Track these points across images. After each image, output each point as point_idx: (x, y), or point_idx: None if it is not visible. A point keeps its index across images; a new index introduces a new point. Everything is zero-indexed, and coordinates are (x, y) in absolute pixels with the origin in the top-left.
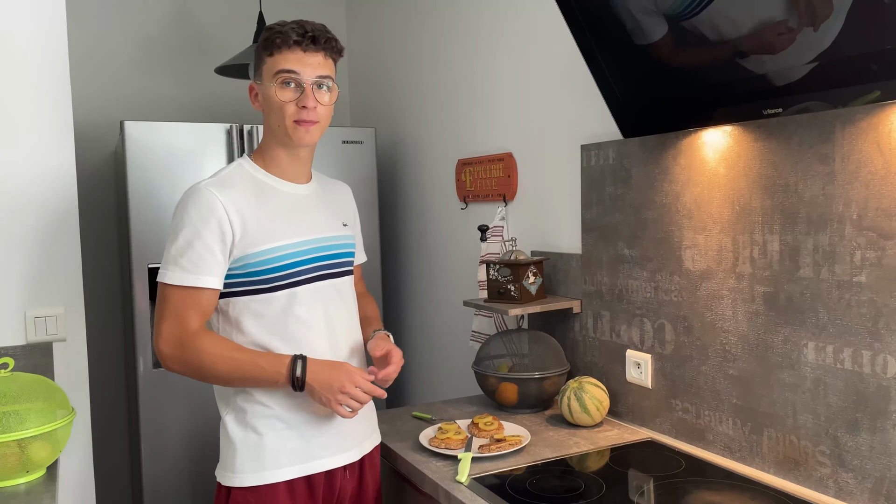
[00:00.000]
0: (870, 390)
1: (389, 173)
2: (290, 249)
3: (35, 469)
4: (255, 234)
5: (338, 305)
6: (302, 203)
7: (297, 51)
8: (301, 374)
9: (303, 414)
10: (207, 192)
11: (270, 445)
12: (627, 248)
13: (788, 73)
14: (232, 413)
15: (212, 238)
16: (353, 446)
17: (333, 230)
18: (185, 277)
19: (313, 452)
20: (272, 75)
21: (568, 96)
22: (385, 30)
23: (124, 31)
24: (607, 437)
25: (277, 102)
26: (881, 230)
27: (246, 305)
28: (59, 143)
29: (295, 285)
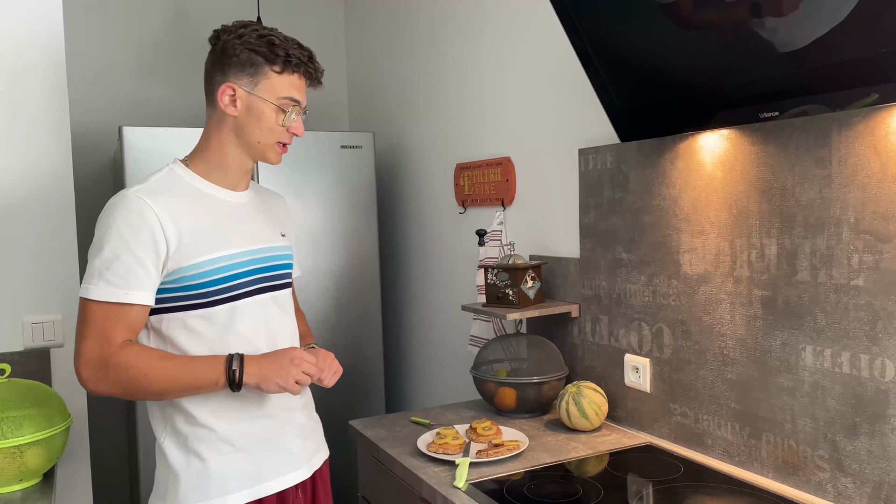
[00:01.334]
0: (868, 394)
1: (388, 178)
2: (230, 261)
3: (31, 476)
4: (192, 245)
5: (280, 319)
6: (240, 212)
7: (303, 79)
8: (238, 367)
9: (250, 434)
10: (138, 200)
11: (216, 471)
12: (625, 252)
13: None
14: (171, 437)
15: (143, 250)
16: (304, 464)
17: (273, 241)
18: (112, 293)
19: (263, 474)
20: (277, 95)
21: (565, 100)
22: (383, 34)
23: (123, 36)
24: (606, 442)
25: (273, 124)
26: (878, 233)
27: (182, 322)
28: (56, 148)
29: (235, 299)
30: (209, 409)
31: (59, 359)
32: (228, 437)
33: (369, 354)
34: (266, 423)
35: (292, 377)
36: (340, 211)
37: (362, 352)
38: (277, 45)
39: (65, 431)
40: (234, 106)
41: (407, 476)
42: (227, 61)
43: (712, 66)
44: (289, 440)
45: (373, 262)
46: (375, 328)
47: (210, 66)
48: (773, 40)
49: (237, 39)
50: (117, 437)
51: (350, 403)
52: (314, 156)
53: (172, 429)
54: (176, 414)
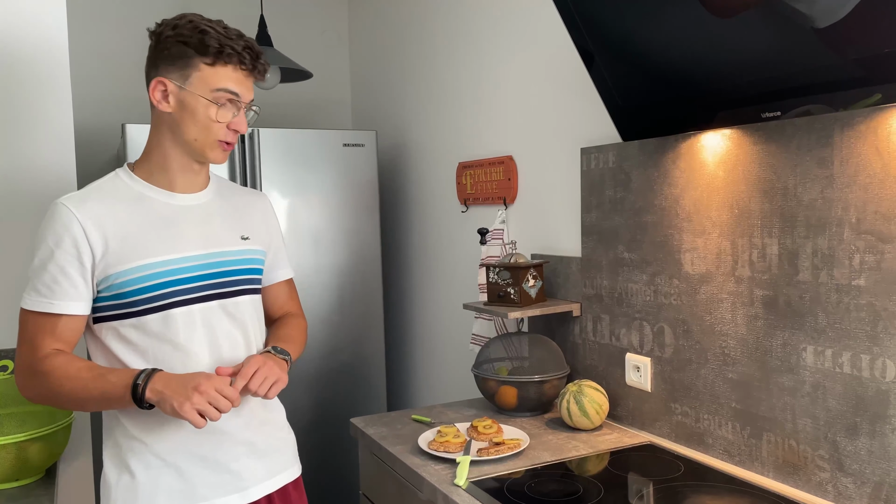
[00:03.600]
0: (869, 394)
1: (390, 176)
2: (164, 267)
3: (33, 472)
4: (119, 252)
5: (229, 329)
6: (187, 215)
7: (242, 70)
8: (143, 381)
9: (183, 450)
10: (62, 209)
11: (145, 486)
12: (627, 251)
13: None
14: (109, 449)
15: (66, 260)
16: (253, 485)
17: (226, 244)
18: (40, 302)
19: (198, 493)
20: (210, 89)
21: (568, 99)
22: (386, 33)
23: (126, 33)
24: (607, 441)
25: (210, 119)
26: (880, 234)
27: (116, 332)
28: (59, 145)
29: (170, 307)
30: (143, 421)
31: None
32: (160, 452)
33: (371, 352)
34: (202, 439)
35: (190, 405)
36: (342, 209)
37: (364, 350)
38: (211, 35)
39: (67, 428)
40: (167, 102)
41: (408, 474)
42: (160, 55)
43: (715, 65)
44: (232, 458)
45: (375, 261)
46: (377, 326)
47: (147, 60)
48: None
49: (171, 31)
50: None
51: (351, 401)
52: (316, 154)
53: (112, 440)
54: (116, 426)
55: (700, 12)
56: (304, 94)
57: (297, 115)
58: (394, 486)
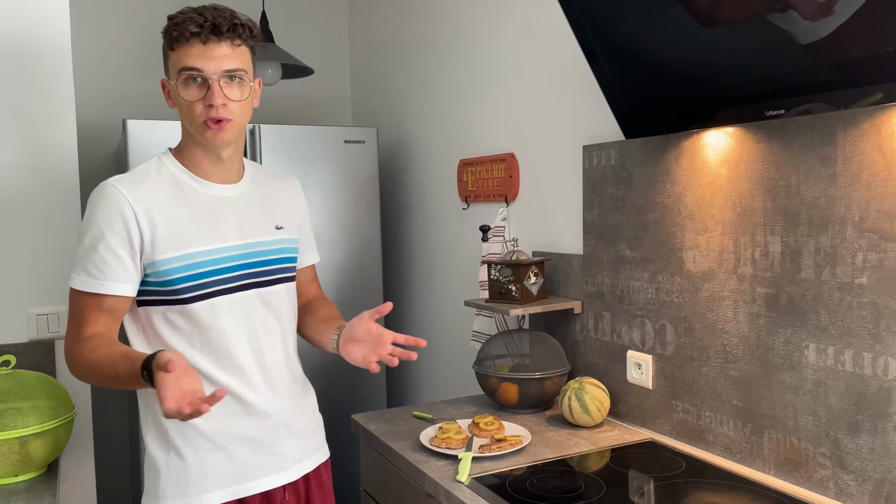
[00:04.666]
0: (870, 392)
1: (391, 173)
2: (206, 257)
3: (35, 467)
4: (165, 240)
5: (264, 317)
6: (225, 206)
7: (196, 44)
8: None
9: (231, 432)
10: (114, 191)
11: (195, 468)
12: (629, 248)
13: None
14: (153, 432)
15: (117, 241)
16: (292, 465)
17: (262, 235)
18: (89, 283)
19: (245, 474)
20: (176, 73)
21: (570, 97)
22: (387, 29)
23: (127, 29)
24: (608, 438)
25: (184, 102)
26: (882, 232)
27: (164, 316)
28: (61, 140)
29: (214, 296)
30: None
31: (63, 350)
32: (208, 433)
33: None
34: (249, 421)
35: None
36: (343, 206)
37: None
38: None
39: (69, 423)
40: (171, 99)
41: (410, 470)
42: None
43: (718, 63)
44: (275, 440)
45: (375, 258)
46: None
47: None
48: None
49: None
50: (119, 429)
51: (352, 398)
52: (317, 150)
53: (155, 423)
54: (158, 409)
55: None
56: (304, 91)
57: (297, 112)
58: (395, 482)
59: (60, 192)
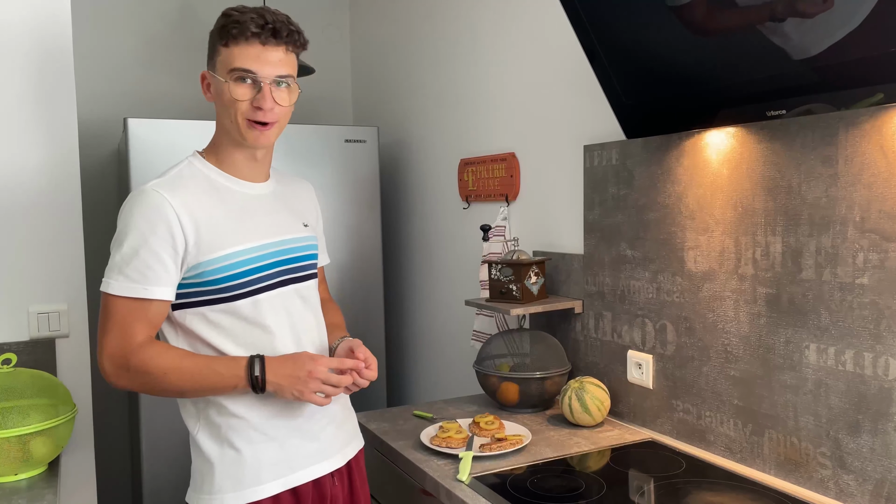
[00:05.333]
0: (871, 392)
1: (392, 172)
2: (251, 254)
3: (36, 465)
4: (211, 240)
5: (303, 312)
6: (260, 204)
7: (255, 44)
8: (260, 372)
9: (282, 423)
10: (155, 195)
11: (250, 460)
12: (630, 248)
13: (792, 69)
14: (204, 428)
15: (161, 245)
16: (336, 452)
17: (294, 231)
18: (132, 288)
19: (296, 463)
20: (227, 70)
21: (571, 96)
22: (388, 28)
23: (128, 28)
24: (608, 438)
25: (230, 99)
26: (884, 232)
27: (205, 317)
28: (63, 139)
29: (257, 293)
30: (241, 399)
31: (64, 349)
32: (260, 426)
33: (372, 348)
34: (297, 411)
35: (309, 391)
36: (343, 205)
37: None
38: (231, 18)
39: (70, 421)
40: (209, 92)
41: (410, 469)
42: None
43: (719, 63)
44: (319, 428)
45: (376, 257)
46: (378, 322)
47: None
48: (785, 45)
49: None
50: (120, 427)
51: (352, 397)
52: (317, 150)
53: (206, 420)
54: (209, 405)
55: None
56: (305, 90)
57: (298, 111)
58: (396, 482)
59: (62, 191)
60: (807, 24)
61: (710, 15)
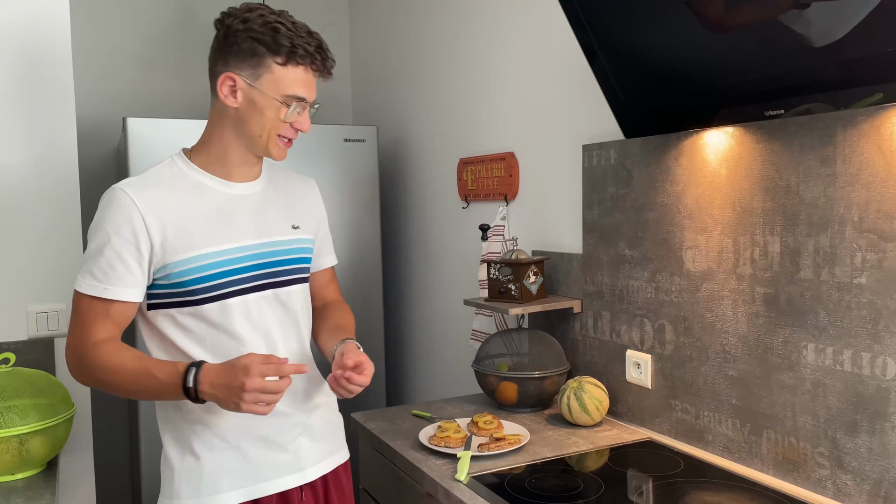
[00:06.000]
0: (869, 392)
1: (391, 172)
2: (220, 257)
3: (35, 464)
4: (177, 241)
5: (280, 318)
6: (241, 204)
7: (308, 70)
8: (194, 383)
9: (245, 431)
10: (121, 195)
11: (209, 467)
12: (628, 248)
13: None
14: (170, 433)
15: (124, 246)
16: (309, 465)
17: (280, 234)
18: (94, 287)
19: (260, 474)
20: (280, 92)
21: (570, 96)
22: (388, 28)
23: (128, 27)
24: (606, 437)
25: (275, 120)
26: (882, 232)
27: (173, 319)
28: (62, 138)
29: (227, 297)
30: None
31: (63, 348)
32: (222, 433)
33: (371, 348)
34: (263, 421)
35: (246, 403)
36: (343, 205)
37: (363, 345)
38: (282, 32)
39: (68, 421)
40: (235, 97)
41: (409, 469)
42: (229, 49)
43: (718, 62)
44: (290, 439)
45: (375, 256)
46: (377, 322)
47: (213, 52)
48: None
49: (241, 25)
50: (119, 427)
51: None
52: (317, 149)
53: (172, 425)
54: (177, 410)
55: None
56: None
57: None
58: (394, 481)
59: (61, 190)
60: (805, 24)
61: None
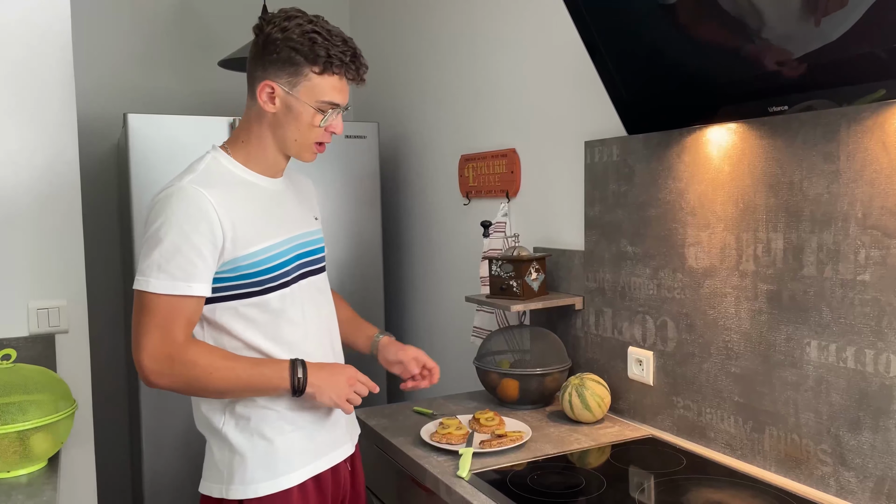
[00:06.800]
0: (872, 389)
1: (392, 168)
2: (278, 249)
3: (36, 460)
4: (246, 235)
5: (321, 304)
6: (279, 199)
7: (343, 78)
8: (303, 376)
9: (306, 413)
10: (194, 192)
11: (282, 449)
12: (630, 245)
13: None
14: (231, 422)
15: (202, 242)
16: (349, 440)
17: (308, 226)
18: (176, 286)
19: (319, 450)
20: (317, 98)
21: (572, 92)
22: (388, 24)
23: (128, 23)
24: (608, 434)
25: (310, 126)
26: (885, 229)
27: (236, 310)
28: (62, 135)
29: (285, 286)
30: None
31: (64, 344)
32: (288, 416)
33: None
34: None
35: (345, 396)
36: (344, 201)
37: None
38: (319, 43)
39: (69, 417)
40: (273, 103)
41: (410, 465)
42: (269, 58)
43: (721, 58)
44: (336, 416)
45: (376, 253)
46: (378, 319)
47: (251, 58)
48: (787, 41)
49: (280, 34)
50: (121, 422)
51: None
52: None
53: (232, 413)
54: (236, 399)
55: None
56: None
57: None
58: (396, 478)
59: (62, 186)
60: (808, 20)
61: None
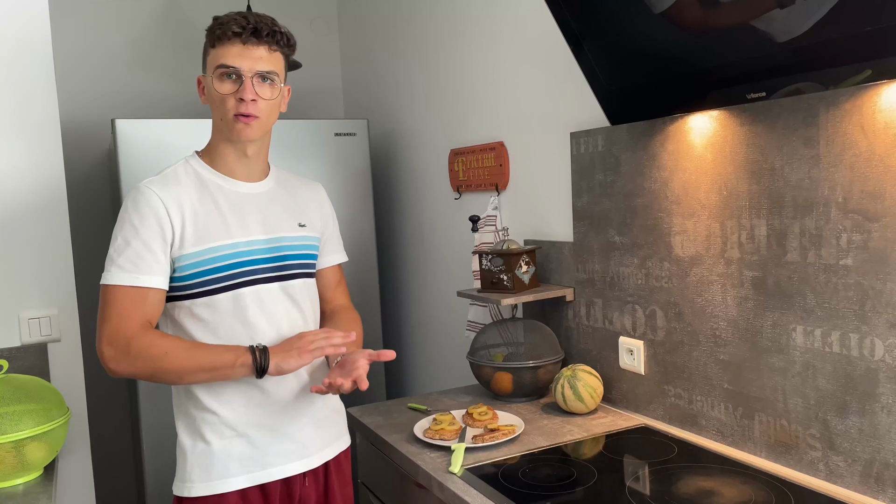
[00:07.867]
0: (858, 373)
1: (383, 164)
2: (232, 250)
3: (32, 470)
4: (194, 234)
5: (288, 309)
6: (250, 202)
7: (236, 44)
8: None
9: (253, 420)
10: (146, 190)
11: (219, 453)
12: (618, 235)
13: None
14: (182, 419)
15: (151, 235)
16: (314, 453)
17: (287, 230)
18: (124, 277)
19: (267, 460)
20: (213, 68)
21: (557, 84)
22: (376, 21)
23: (114, 27)
24: (601, 424)
25: (218, 95)
26: (866, 213)
27: (189, 309)
28: (46, 143)
29: (238, 287)
30: (215, 394)
31: (56, 353)
32: (231, 422)
33: (367, 341)
34: (270, 409)
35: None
36: (336, 199)
37: None
38: (213, 24)
39: (64, 425)
40: (204, 95)
41: (404, 462)
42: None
43: (700, 47)
44: (296, 428)
45: (369, 250)
46: (373, 315)
47: None
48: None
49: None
50: (121, 429)
51: None
52: (308, 144)
53: (184, 412)
54: (188, 399)
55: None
56: (294, 85)
57: (288, 106)
58: (391, 475)
59: (48, 194)
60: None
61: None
